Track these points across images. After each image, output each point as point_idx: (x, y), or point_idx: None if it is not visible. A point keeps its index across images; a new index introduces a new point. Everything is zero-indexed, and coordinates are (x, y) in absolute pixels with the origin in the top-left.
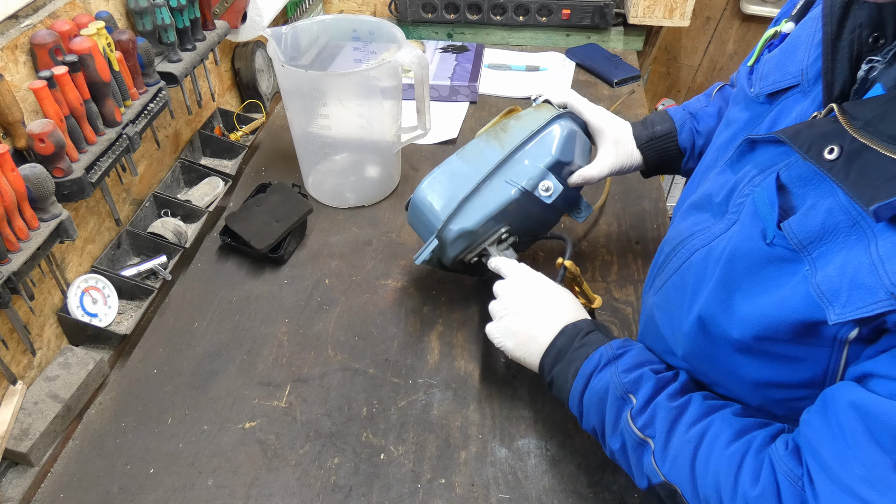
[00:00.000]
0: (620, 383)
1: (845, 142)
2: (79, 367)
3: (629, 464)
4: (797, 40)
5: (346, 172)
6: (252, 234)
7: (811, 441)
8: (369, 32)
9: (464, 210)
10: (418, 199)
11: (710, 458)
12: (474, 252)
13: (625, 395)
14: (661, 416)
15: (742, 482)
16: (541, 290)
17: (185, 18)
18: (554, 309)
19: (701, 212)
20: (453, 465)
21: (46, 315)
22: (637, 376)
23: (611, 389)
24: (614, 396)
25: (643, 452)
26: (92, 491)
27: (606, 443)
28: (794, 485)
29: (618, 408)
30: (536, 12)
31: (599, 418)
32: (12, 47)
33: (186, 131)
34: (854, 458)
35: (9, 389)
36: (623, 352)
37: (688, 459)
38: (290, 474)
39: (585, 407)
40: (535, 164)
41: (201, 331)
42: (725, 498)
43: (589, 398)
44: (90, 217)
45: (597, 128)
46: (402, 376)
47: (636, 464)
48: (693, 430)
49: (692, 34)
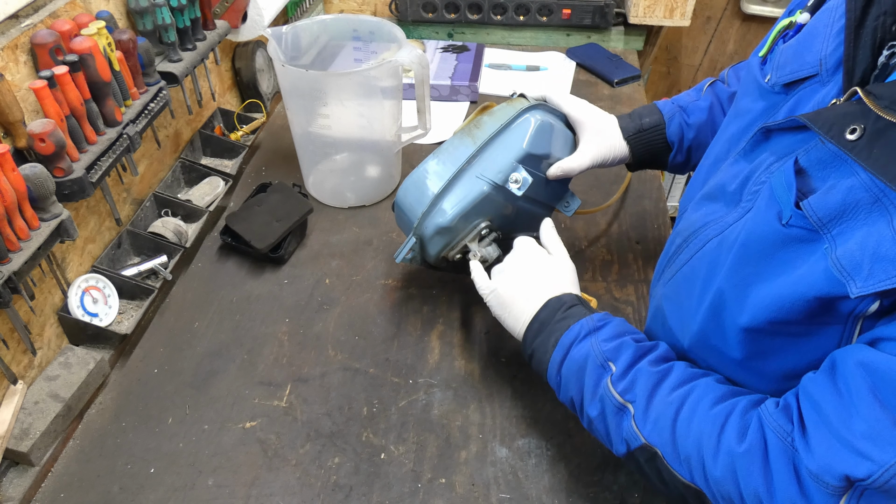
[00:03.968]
0: (601, 351)
1: (868, 122)
2: (79, 366)
3: (608, 430)
4: (814, 30)
5: (346, 172)
6: (252, 233)
7: (814, 396)
8: (370, 32)
9: (438, 207)
10: (398, 200)
11: (693, 419)
12: (455, 249)
13: (605, 362)
14: (642, 381)
15: (726, 439)
16: (537, 262)
17: (186, 18)
18: (544, 282)
19: (713, 202)
20: (454, 465)
21: (47, 315)
22: (617, 344)
23: (590, 357)
24: (594, 364)
25: (623, 417)
26: (92, 491)
27: (584, 411)
28: (783, 440)
29: (597, 375)
30: (537, 12)
31: (578, 387)
32: (13, 47)
33: (187, 131)
34: (857, 414)
35: (9, 389)
36: (604, 324)
37: (669, 420)
38: (290, 474)
39: (564, 377)
40: (504, 157)
41: (202, 330)
42: (708, 456)
43: (568, 368)
44: (91, 217)
45: (577, 120)
46: (403, 376)
47: (615, 429)
48: (675, 393)
49: (692, 34)
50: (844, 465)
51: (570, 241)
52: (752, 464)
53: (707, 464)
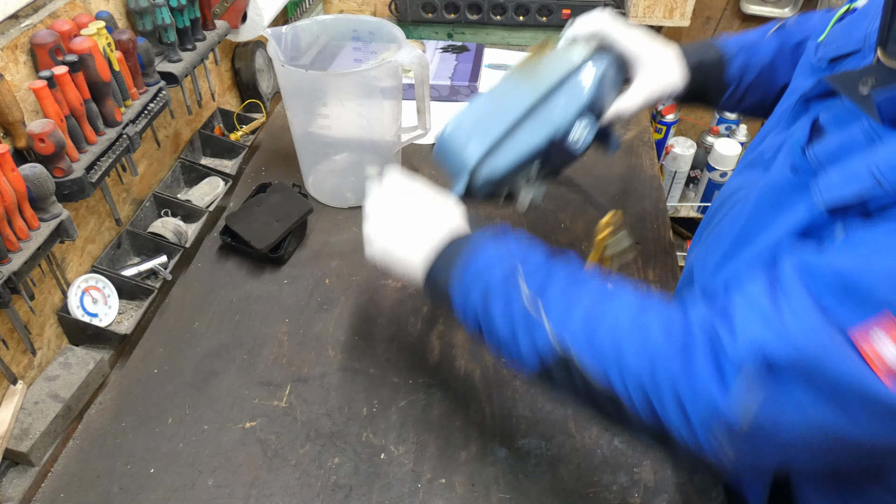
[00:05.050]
0: (508, 251)
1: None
2: (79, 366)
3: (516, 340)
4: (866, 12)
5: (346, 172)
6: (252, 233)
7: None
8: (369, 32)
9: (492, 157)
10: (446, 139)
11: (608, 312)
12: (503, 191)
13: (510, 269)
14: (552, 278)
15: (646, 330)
16: (410, 202)
17: (186, 18)
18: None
19: (753, 169)
20: (453, 465)
21: (47, 315)
22: (522, 246)
23: (493, 267)
24: (499, 276)
25: (530, 324)
26: (92, 491)
27: (490, 323)
28: (706, 330)
29: (502, 281)
30: (537, 12)
31: (480, 301)
32: (12, 47)
33: (186, 131)
34: (787, 303)
35: (9, 389)
36: (507, 234)
37: (585, 320)
38: (290, 474)
39: (464, 292)
40: (564, 111)
41: (201, 331)
42: (628, 348)
43: (468, 283)
44: (90, 217)
45: (635, 56)
46: (403, 376)
47: (525, 338)
48: (592, 290)
49: (692, 34)
50: (764, 347)
51: (571, 241)
52: (670, 354)
53: (625, 358)
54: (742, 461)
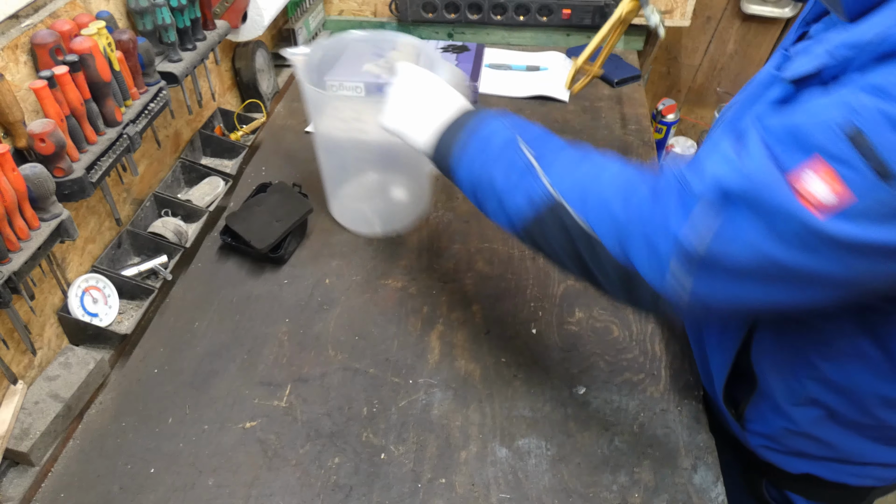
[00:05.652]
0: (512, 124)
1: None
2: (79, 366)
3: (511, 189)
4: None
5: (371, 194)
6: (252, 233)
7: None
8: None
9: None
10: None
11: (603, 172)
12: None
13: (513, 135)
14: (552, 146)
15: (630, 180)
16: (429, 80)
17: (186, 18)
18: (446, 95)
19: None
20: (454, 465)
21: (47, 315)
22: (527, 121)
23: (499, 130)
24: (503, 136)
25: (529, 175)
26: (92, 491)
27: (486, 178)
28: (677, 176)
29: (504, 144)
30: (537, 12)
31: (482, 160)
32: (13, 47)
33: (187, 131)
34: (744, 150)
35: (9, 389)
36: (510, 113)
37: (578, 171)
38: (290, 474)
39: (468, 155)
40: None
41: (202, 330)
42: (611, 195)
43: (474, 146)
44: (91, 217)
45: None
46: (403, 376)
47: (521, 186)
48: (583, 152)
49: (692, 34)
50: (722, 180)
51: None
52: (643, 196)
53: (611, 202)
54: (698, 295)
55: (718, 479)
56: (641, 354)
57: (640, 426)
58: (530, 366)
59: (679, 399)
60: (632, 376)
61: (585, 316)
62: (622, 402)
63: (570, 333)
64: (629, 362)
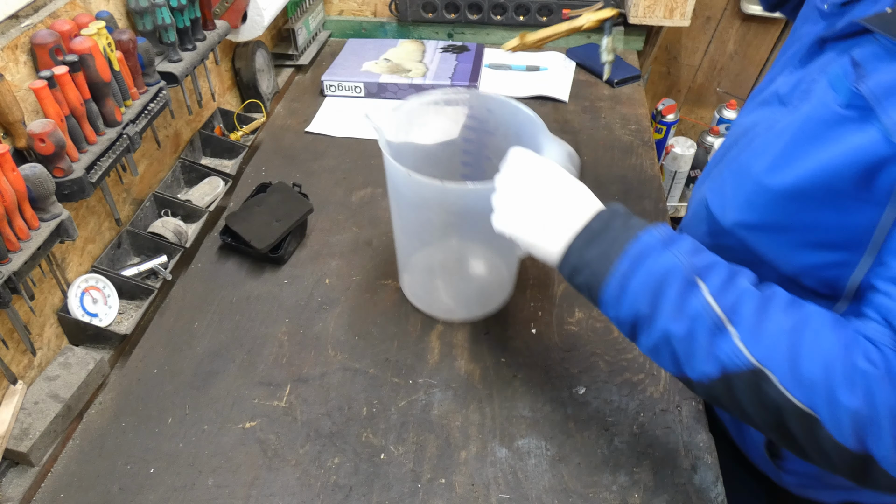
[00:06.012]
0: (691, 264)
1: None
2: (79, 366)
3: (691, 351)
4: None
5: (448, 270)
6: (252, 233)
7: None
8: (487, 110)
9: None
10: None
11: (819, 341)
12: None
13: (693, 277)
14: (747, 299)
15: (859, 363)
16: (554, 173)
17: (186, 18)
18: (578, 191)
19: (766, 107)
20: (453, 465)
21: (47, 315)
22: (707, 260)
23: (676, 271)
24: (681, 279)
25: (720, 336)
26: (92, 491)
27: (657, 328)
28: None
29: (685, 290)
30: (537, 12)
31: (651, 303)
32: (13, 47)
33: (187, 131)
34: None
35: (9, 389)
36: (678, 236)
37: (789, 342)
38: (290, 474)
39: (632, 291)
40: None
41: (201, 331)
42: (839, 380)
43: (640, 281)
44: (90, 217)
45: None
46: (403, 376)
47: (706, 349)
48: (790, 315)
49: (692, 34)
50: None
51: None
52: (881, 380)
53: (838, 388)
54: None
55: (718, 480)
56: (641, 354)
57: (640, 426)
58: (530, 366)
59: (679, 399)
60: (632, 376)
61: (585, 316)
62: (622, 402)
63: (570, 333)
64: (629, 362)
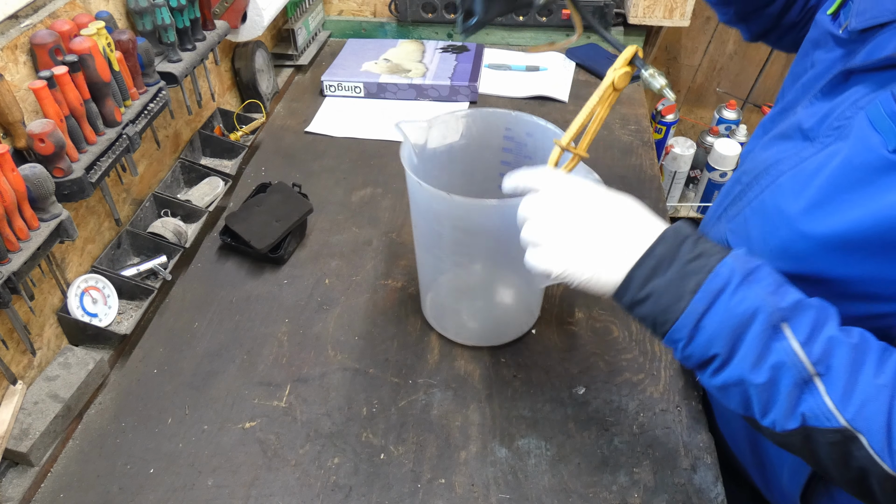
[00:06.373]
0: (775, 305)
1: None
2: (79, 367)
3: (771, 401)
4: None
5: (471, 293)
6: (252, 233)
7: None
8: (526, 134)
9: None
10: None
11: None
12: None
13: (779, 323)
14: (837, 350)
15: None
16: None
17: (185, 18)
18: (634, 210)
19: (787, 141)
20: (453, 465)
21: (46, 315)
22: (795, 300)
23: (760, 314)
24: (764, 323)
25: (807, 391)
26: (92, 491)
27: (733, 373)
28: None
29: (768, 336)
30: (537, 12)
31: (729, 346)
32: (12, 47)
33: (186, 131)
34: None
35: (9, 389)
36: (756, 265)
37: (884, 403)
38: (290, 474)
39: (708, 330)
40: None
41: (201, 331)
42: None
43: (718, 321)
44: (90, 217)
45: None
46: (402, 376)
47: (788, 402)
48: (886, 369)
49: (692, 34)
50: None
51: None
52: None
53: None
54: None
55: (718, 480)
56: (641, 354)
57: (640, 426)
58: (530, 366)
59: (679, 399)
60: (631, 376)
61: (585, 316)
62: (622, 402)
63: (570, 333)
64: (629, 362)
